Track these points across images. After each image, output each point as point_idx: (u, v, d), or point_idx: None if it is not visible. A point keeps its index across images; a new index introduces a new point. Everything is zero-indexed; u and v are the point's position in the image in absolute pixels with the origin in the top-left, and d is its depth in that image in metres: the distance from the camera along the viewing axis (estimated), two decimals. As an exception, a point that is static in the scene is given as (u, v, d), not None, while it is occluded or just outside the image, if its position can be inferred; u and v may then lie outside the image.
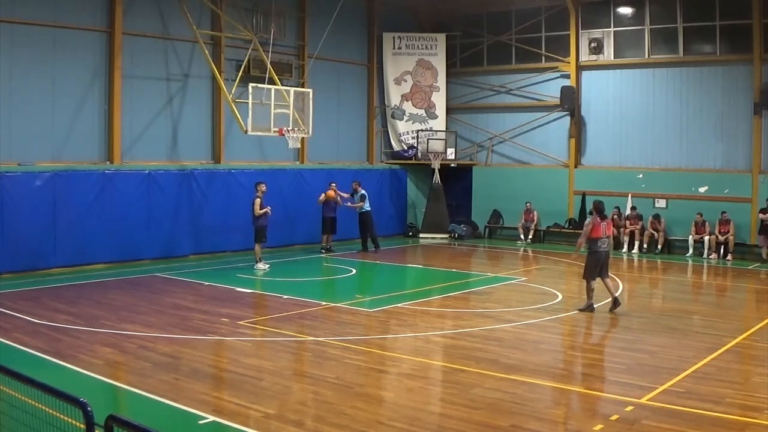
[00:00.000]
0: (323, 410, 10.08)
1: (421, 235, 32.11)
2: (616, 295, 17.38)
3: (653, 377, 11.84)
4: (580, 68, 31.42)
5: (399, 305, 17.54)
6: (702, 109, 28.81)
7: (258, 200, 22.67)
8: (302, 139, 26.51)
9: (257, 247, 22.86)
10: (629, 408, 10.33)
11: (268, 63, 24.90)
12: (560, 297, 19.20)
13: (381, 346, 13.95)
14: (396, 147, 33.77)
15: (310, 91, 25.40)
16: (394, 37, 33.36)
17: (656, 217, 28.73)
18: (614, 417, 9.95)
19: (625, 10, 30.52)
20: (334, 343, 13.77)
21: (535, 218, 31.37)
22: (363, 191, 27.78)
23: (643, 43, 30.03)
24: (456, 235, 32.17)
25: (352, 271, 23.04)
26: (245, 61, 25.83)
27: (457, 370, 12.22)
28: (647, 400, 10.67)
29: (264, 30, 26.46)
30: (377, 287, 21.01)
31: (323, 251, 27.00)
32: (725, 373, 12.45)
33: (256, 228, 22.88)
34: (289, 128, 24.23)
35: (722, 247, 27.31)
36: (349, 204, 27.52)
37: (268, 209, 22.77)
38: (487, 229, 33.21)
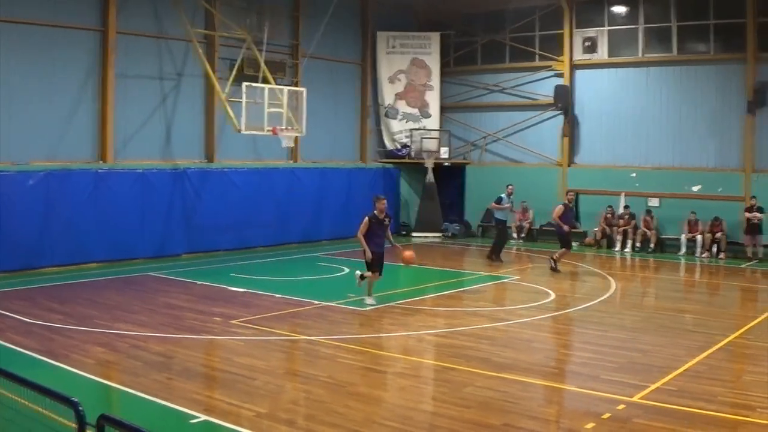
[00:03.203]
0: (315, 409, 10.12)
1: (414, 234, 32.15)
2: None
3: (645, 376, 11.90)
4: (573, 67, 31.52)
5: (392, 304, 17.61)
6: (696, 108, 28.94)
7: (366, 220, 17.86)
8: (296, 138, 26.50)
9: (372, 276, 18.08)
10: (621, 406, 10.39)
11: (262, 62, 24.95)
12: (553, 296, 19.24)
13: (374, 345, 13.99)
14: (389, 146, 33.80)
15: (304, 90, 25.43)
16: (388, 36, 33.39)
17: (649, 215, 28.84)
18: (606, 415, 10.01)
19: (619, 9, 30.68)
20: (326, 342, 13.80)
21: (531, 217, 31.47)
22: (501, 195, 26.13)
23: (637, 42, 30.16)
24: (449, 233, 32.22)
25: (345, 270, 23.04)
26: (239, 60, 25.83)
27: (450, 369, 12.27)
28: (639, 399, 10.73)
29: (258, 29, 26.43)
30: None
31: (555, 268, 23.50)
32: (717, 372, 12.51)
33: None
34: (283, 127, 24.28)
35: (715, 245, 27.45)
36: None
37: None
38: (481, 228, 33.27)
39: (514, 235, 31.35)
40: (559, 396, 11.42)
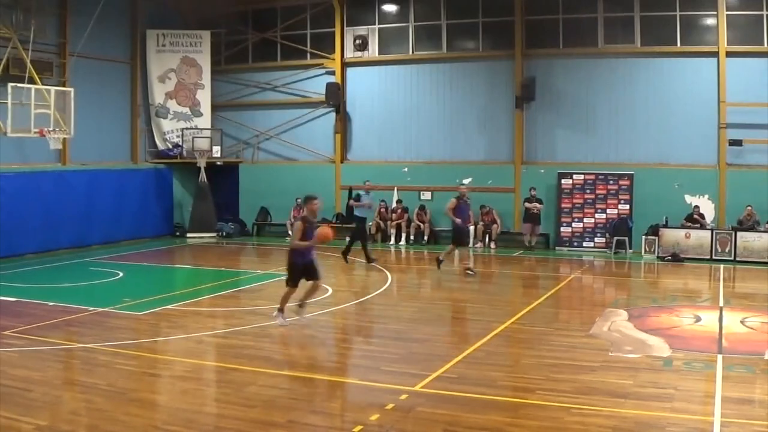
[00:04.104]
0: (96, 418, 9.93)
1: (188, 235, 31.80)
2: None
3: (426, 365, 12.31)
4: (345, 65, 32.06)
5: (169, 307, 17.40)
6: (466, 103, 30.18)
7: (299, 224, 15.54)
8: (64, 139, 25.82)
9: (288, 292, 15.62)
10: (404, 396, 10.71)
11: (29, 62, 24.17)
12: (330, 291, 19.49)
13: (152, 350, 13.80)
14: (161, 146, 33.25)
15: (72, 90, 24.77)
16: (158, 34, 32.81)
17: (422, 209, 29.71)
18: (390, 406, 10.30)
19: (390, 8, 31.57)
20: (103, 349, 13.51)
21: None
22: (359, 192, 25.28)
23: (407, 40, 30.99)
24: (224, 233, 32.12)
25: (119, 274, 22.58)
26: (4, 60, 24.82)
27: (231, 369, 12.30)
28: (421, 388, 11.11)
29: (24, 27, 25.52)
30: (146, 290, 20.64)
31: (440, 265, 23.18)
32: (495, 357, 13.11)
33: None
34: (51, 129, 23.61)
35: (487, 235, 28.58)
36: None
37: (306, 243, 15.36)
38: (255, 227, 33.31)
39: (290, 232, 31.51)
40: (342, 390, 11.67)
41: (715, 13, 26.80)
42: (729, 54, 26.70)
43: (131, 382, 11.75)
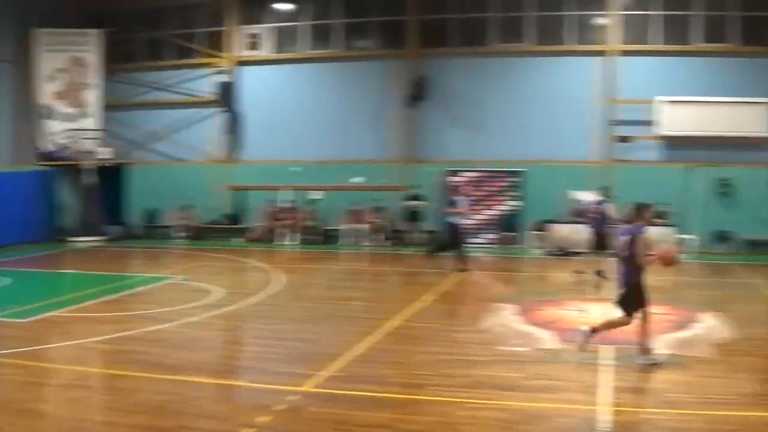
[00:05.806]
0: (-21, 430, 9.69)
1: (74, 239, 31.13)
2: None
3: (315, 365, 12.28)
4: (238, 64, 31.93)
5: (54, 313, 16.94)
6: (359, 102, 30.51)
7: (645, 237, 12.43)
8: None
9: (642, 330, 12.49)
10: (294, 397, 10.67)
11: None
12: (220, 293, 19.33)
13: (37, 358, 13.40)
14: (47, 147, 32.49)
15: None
16: (45, 34, 32.06)
17: (312, 208, 29.70)
18: (280, 407, 10.25)
19: (284, 6, 31.69)
20: (-14, 358, 13.18)
21: (194, 215, 31.40)
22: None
23: (301, 39, 31.09)
24: (110, 236, 31.58)
25: (6, 281, 21.98)
26: None
27: (120, 376, 12.07)
28: (311, 388, 11.09)
29: None
30: (29, 296, 20.06)
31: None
32: (386, 355, 13.21)
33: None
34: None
35: (380, 234, 28.75)
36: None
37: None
38: (144, 229, 32.86)
39: (179, 234, 31.20)
40: (232, 392, 11.58)
41: (606, 13, 27.49)
42: (618, 53, 27.34)
43: (16, 391, 11.42)
